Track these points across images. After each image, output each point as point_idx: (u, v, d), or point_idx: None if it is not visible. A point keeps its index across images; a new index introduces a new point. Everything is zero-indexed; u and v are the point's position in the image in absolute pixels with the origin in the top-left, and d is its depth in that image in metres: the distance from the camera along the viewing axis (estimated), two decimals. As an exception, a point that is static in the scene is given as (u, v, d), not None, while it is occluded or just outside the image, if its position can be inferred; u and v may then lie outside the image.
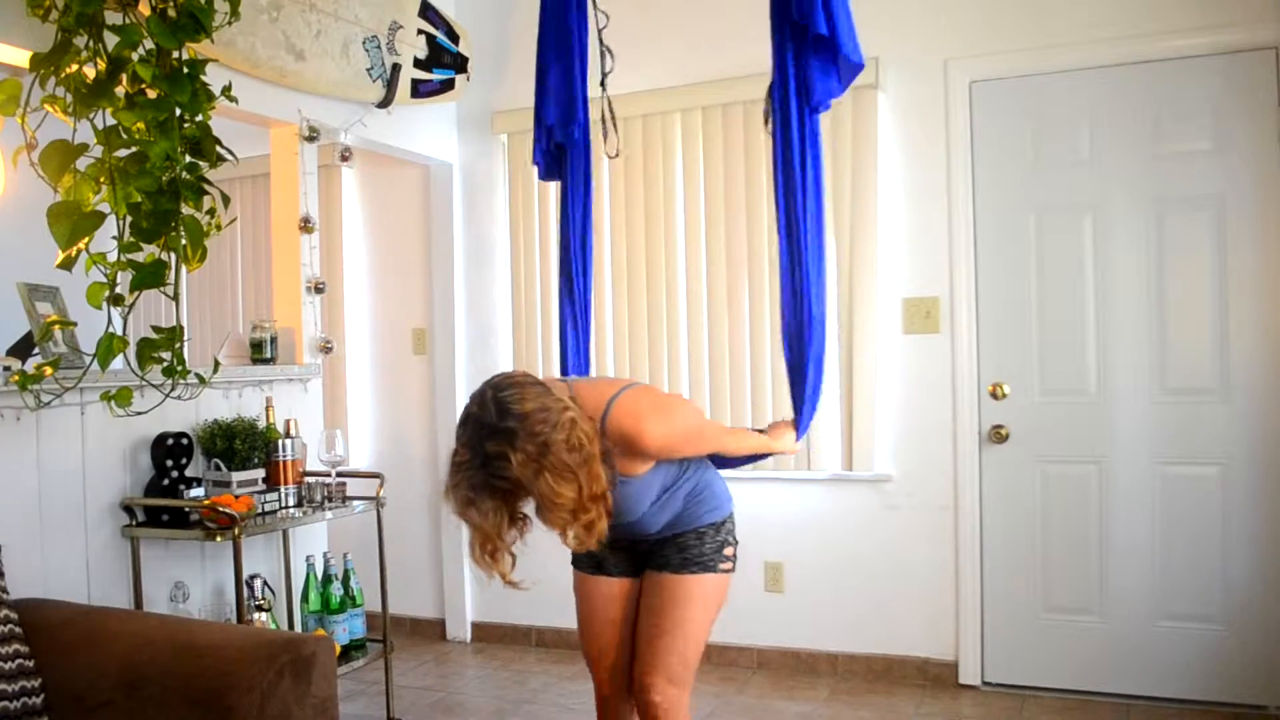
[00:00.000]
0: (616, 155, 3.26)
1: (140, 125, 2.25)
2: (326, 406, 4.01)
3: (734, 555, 2.18)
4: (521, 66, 4.28)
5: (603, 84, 2.73)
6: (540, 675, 3.97)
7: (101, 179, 2.25)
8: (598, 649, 2.25)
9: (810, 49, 2.25)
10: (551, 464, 1.74)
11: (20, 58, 2.40)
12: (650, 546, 2.16)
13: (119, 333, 2.27)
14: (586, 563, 2.24)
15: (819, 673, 3.86)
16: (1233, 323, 3.34)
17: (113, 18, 2.29)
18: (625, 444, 1.93)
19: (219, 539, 2.68)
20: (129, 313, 2.34)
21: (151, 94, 2.26)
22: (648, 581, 2.15)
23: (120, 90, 2.26)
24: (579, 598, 2.28)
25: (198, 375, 2.56)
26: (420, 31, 3.96)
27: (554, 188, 4.25)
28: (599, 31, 2.71)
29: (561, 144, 2.64)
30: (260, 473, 2.98)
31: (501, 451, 1.73)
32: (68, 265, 2.22)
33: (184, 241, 2.32)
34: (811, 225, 2.34)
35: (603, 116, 2.77)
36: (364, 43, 3.66)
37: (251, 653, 2.00)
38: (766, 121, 2.38)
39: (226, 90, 2.45)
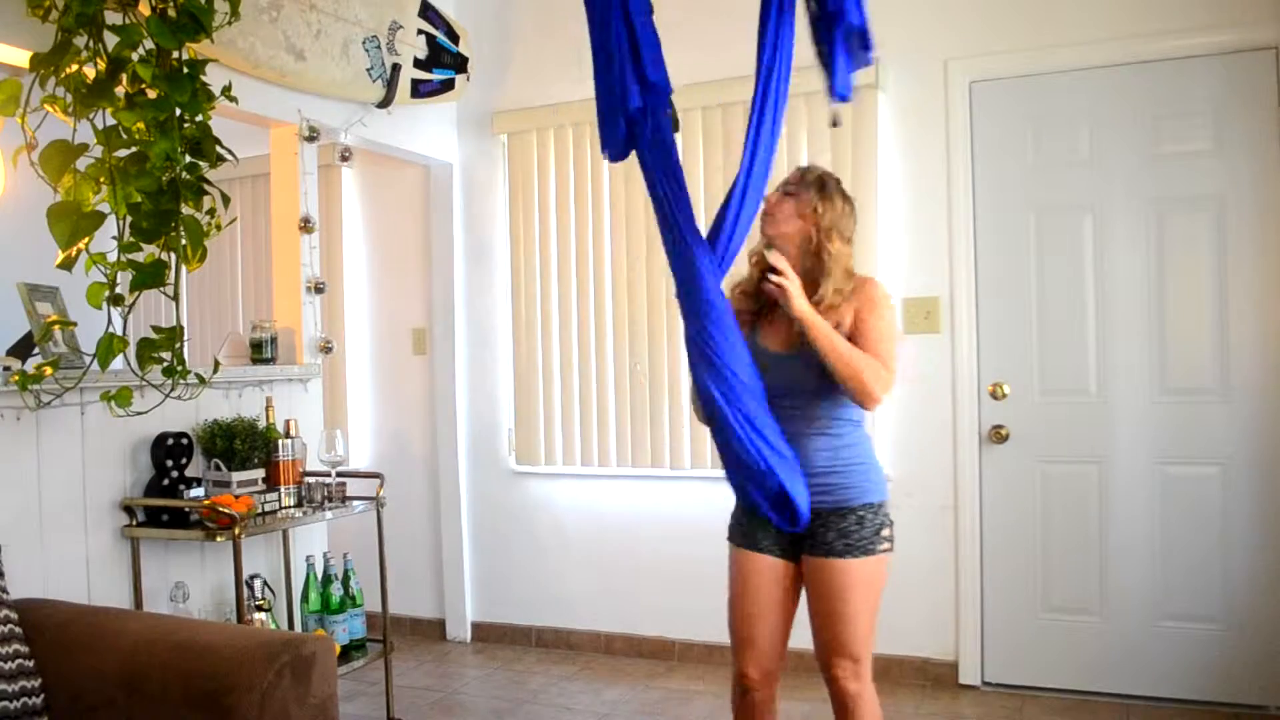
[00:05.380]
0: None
1: (140, 125, 2.25)
2: (326, 406, 4.01)
3: (891, 535, 2.24)
4: (522, 66, 4.29)
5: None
6: (540, 675, 3.97)
7: (101, 179, 2.24)
8: (748, 631, 2.25)
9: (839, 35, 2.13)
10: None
11: (20, 58, 2.40)
12: (810, 526, 2.19)
13: (119, 333, 2.27)
14: (740, 537, 2.28)
15: (819, 672, 3.85)
16: (1233, 323, 3.34)
17: (113, 18, 2.29)
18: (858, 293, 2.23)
19: (219, 539, 2.68)
20: (129, 313, 2.34)
21: (151, 94, 2.26)
22: (813, 568, 2.20)
23: (120, 90, 2.26)
24: (735, 575, 2.28)
25: (198, 375, 2.56)
26: (420, 31, 3.96)
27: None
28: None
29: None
30: (260, 473, 2.98)
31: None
32: (68, 265, 2.22)
33: (184, 241, 2.32)
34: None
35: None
36: (364, 43, 3.66)
37: (251, 653, 2.00)
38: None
39: (226, 90, 2.45)
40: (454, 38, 4.16)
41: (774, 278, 2.17)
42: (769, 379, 2.20)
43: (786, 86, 2.22)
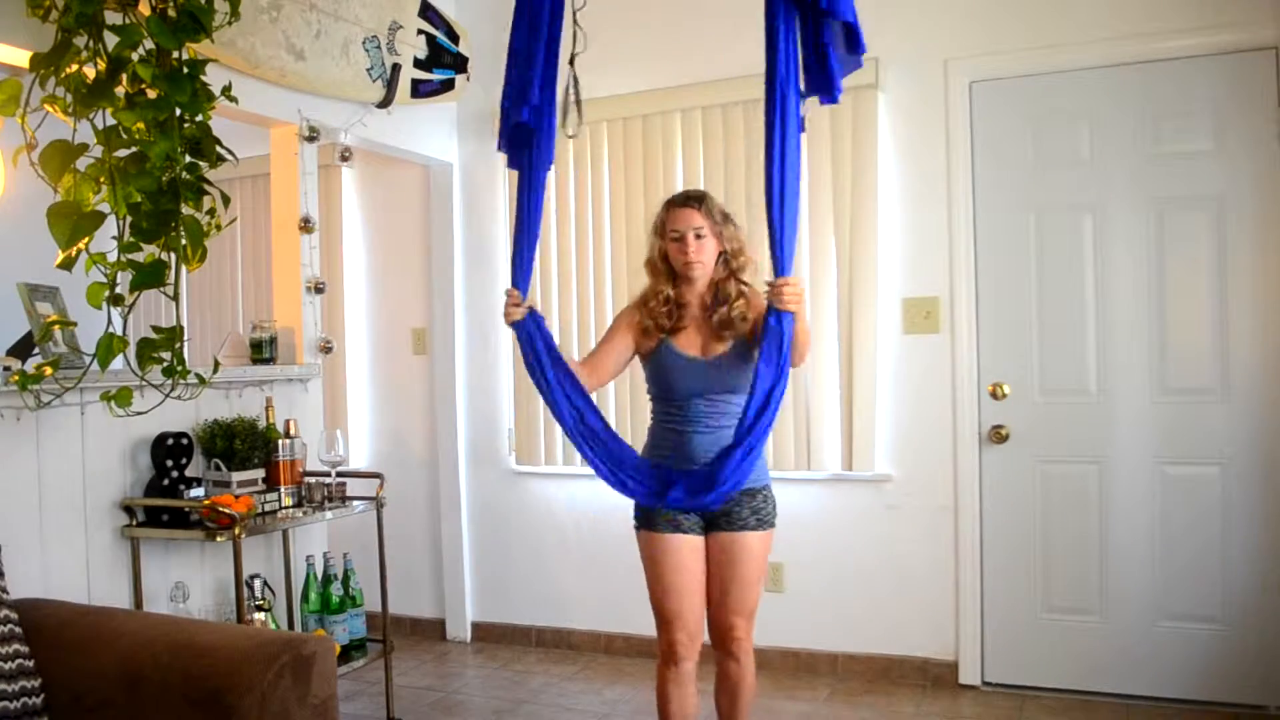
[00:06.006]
0: (574, 136, 3.00)
1: (140, 125, 2.25)
2: (326, 406, 4.01)
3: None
4: (521, 66, 4.29)
5: (571, 62, 2.61)
6: (540, 675, 3.97)
7: (101, 179, 2.25)
8: (678, 605, 2.49)
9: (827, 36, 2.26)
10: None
11: (20, 58, 2.40)
12: (725, 505, 2.47)
13: (119, 333, 2.27)
14: (665, 525, 2.49)
15: (819, 673, 3.86)
16: (1233, 323, 3.34)
17: (113, 18, 2.29)
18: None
19: (219, 539, 2.68)
20: (129, 313, 2.34)
21: (151, 94, 2.26)
22: (727, 541, 2.49)
23: (120, 90, 2.26)
24: (659, 559, 2.51)
25: (198, 375, 2.56)
26: (420, 31, 3.96)
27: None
28: (574, 11, 2.56)
29: (521, 126, 2.40)
30: (260, 473, 2.98)
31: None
32: (68, 265, 2.22)
33: (184, 241, 2.32)
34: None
35: (565, 96, 2.62)
36: (364, 43, 3.66)
37: (251, 653, 2.00)
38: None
39: (226, 90, 2.45)
40: (454, 38, 4.16)
41: (789, 290, 2.28)
42: (687, 382, 2.51)
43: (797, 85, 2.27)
